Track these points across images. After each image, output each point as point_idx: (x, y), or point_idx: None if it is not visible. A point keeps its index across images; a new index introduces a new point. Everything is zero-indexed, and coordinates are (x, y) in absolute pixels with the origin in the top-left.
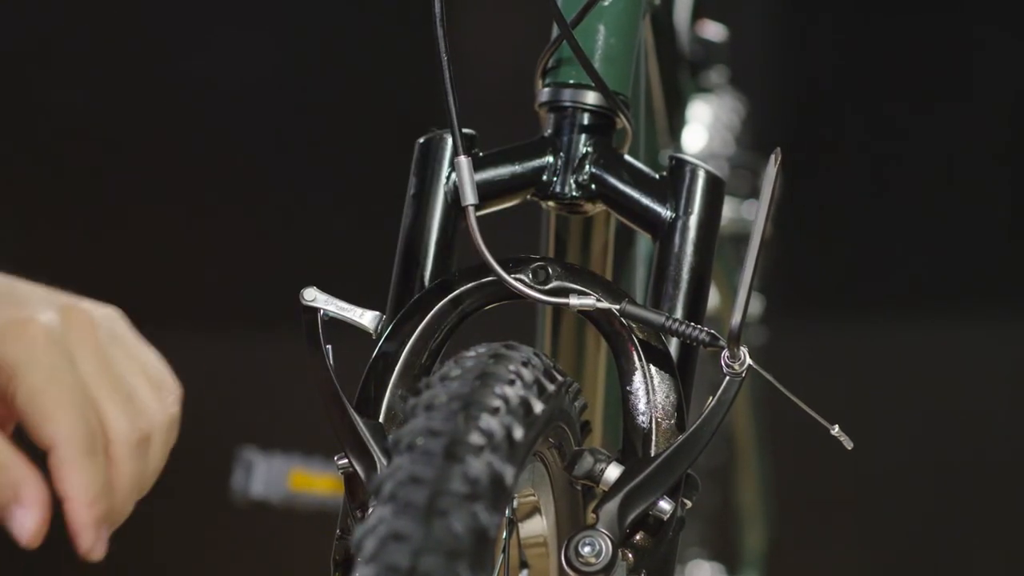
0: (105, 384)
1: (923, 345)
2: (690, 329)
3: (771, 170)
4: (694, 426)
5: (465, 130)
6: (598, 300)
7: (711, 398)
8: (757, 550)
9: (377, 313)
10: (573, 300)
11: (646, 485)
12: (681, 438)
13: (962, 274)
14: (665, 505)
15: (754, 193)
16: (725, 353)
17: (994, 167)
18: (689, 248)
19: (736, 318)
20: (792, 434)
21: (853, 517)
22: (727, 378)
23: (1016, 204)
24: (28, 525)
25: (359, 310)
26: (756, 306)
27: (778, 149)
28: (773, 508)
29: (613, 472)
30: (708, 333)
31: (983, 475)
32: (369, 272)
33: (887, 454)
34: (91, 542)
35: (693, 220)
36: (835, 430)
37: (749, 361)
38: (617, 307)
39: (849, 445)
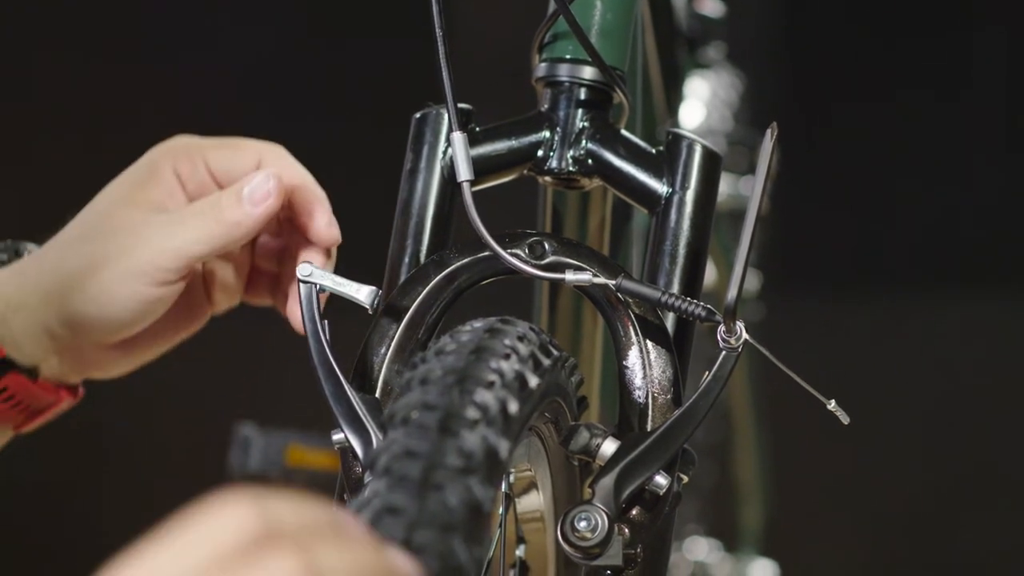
0: None
1: (921, 322)
2: (686, 304)
3: (767, 145)
4: (690, 401)
5: (461, 105)
6: (594, 275)
7: (707, 373)
8: (754, 526)
9: (373, 288)
10: (569, 275)
11: (642, 460)
12: (677, 413)
13: (961, 251)
14: (661, 480)
15: (752, 169)
16: (721, 328)
17: (993, 145)
18: (686, 223)
19: (732, 293)
20: (790, 411)
21: (850, 494)
22: (723, 353)
23: (1014, 182)
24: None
25: (355, 285)
26: (753, 282)
27: (774, 124)
28: (770, 485)
29: (609, 447)
30: (704, 308)
31: (980, 453)
32: (365, 248)
33: (885, 431)
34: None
35: (690, 195)
36: (831, 405)
37: (745, 336)
38: (613, 282)
39: (846, 420)
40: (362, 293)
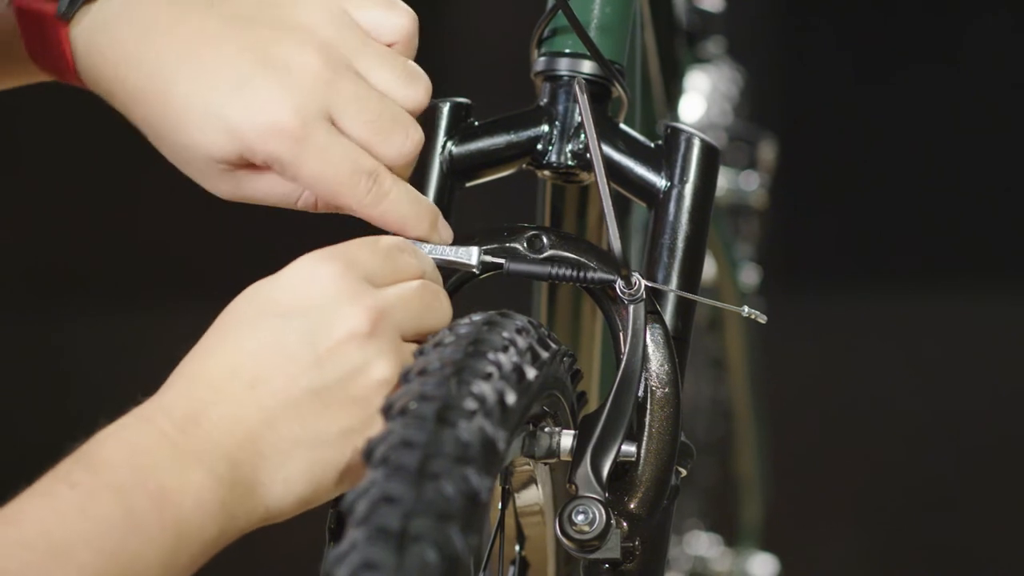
0: (370, 125)
1: (922, 319)
2: (577, 272)
3: (582, 99)
4: (623, 364)
5: (461, 99)
6: (458, 254)
7: (623, 332)
8: (754, 521)
9: (476, 248)
10: (436, 247)
11: (605, 436)
12: (617, 380)
13: (963, 249)
14: (629, 448)
15: (752, 164)
16: (620, 283)
17: (997, 142)
18: (684, 217)
19: (616, 245)
20: (789, 408)
21: (849, 489)
22: (631, 307)
23: (1016, 180)
24: None
25: (458, 248)
26: (754, 277)
27: (580, 79)
28: (770, 480)
29: (567, 440)
30: (597, 270)
31: (980, 449)
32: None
33: (884, 426)
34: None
35: (688, 189)
36: (745, 311)
37: (644, 282)
38: (504, 262)
39: (763, 319)
40: (469, 256)
